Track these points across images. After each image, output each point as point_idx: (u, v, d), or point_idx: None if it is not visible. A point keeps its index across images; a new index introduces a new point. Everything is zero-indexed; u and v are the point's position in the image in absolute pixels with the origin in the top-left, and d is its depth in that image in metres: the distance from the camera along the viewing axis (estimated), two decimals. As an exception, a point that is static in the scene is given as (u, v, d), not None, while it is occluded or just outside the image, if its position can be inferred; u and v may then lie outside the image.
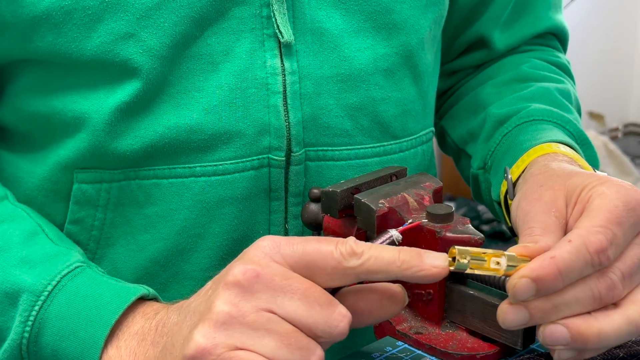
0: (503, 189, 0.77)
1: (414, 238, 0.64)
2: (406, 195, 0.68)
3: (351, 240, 0.56)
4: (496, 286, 0.62)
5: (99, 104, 0.72)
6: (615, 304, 0.57)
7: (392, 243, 0.62)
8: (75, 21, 0.70)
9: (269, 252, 0.56)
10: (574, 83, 0.97)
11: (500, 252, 0.57)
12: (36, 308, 0.65)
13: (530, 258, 0.56)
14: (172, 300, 0.65)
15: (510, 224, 0.74)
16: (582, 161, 0.75)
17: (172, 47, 0.71)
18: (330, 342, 0.56)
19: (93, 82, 0.72)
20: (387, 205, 0.66)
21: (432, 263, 0.55)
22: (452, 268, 0.56)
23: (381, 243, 0.62)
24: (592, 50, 3.74)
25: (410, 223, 0.64)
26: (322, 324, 0.54)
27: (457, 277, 0.64)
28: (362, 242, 0.56)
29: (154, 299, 0.67)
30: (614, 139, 3.85)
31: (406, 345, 0.65)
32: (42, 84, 0.74)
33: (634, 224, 0.58)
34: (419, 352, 0.64)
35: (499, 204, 0.80)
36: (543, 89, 0.88)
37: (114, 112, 0.72)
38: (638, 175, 3.47)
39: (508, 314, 0.56)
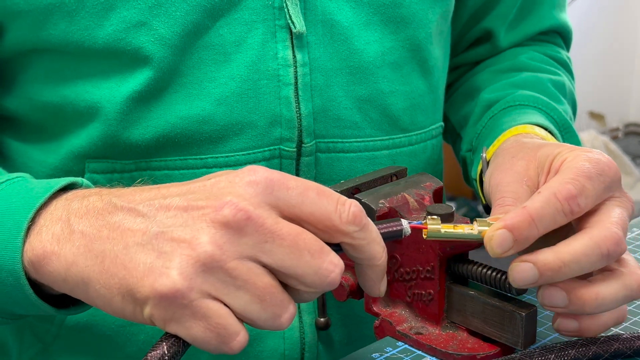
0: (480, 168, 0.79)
1: (414, 237, 0.64)
2: (406, 195, 0.68)
3: (355, 206, 0.54)
4: (497, 286, 0.62)
5: (111, 93, 0.72)
6: (611, 271, 0.59)
7: (397, 233, 0.59)
8: (88, 9, 0.70)
9: (262, 191, 0.52)
10: (573, 79, 0.99)
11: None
12: None
13: None
14: None
15: (485, 202, 0.77)
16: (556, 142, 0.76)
17: (183, 36, 0.71)
18: (319, 292, 0.53)
19: (105, 71, 0.72)
20: (387, 205, 0.66)
21: (382, 289, 0.58)
22: (425, 236, 0.59)
23: (387, 227, 0.58)
24: (593, 50, 3.74)
25: (420, 224, 0.60)
26: (311, 274, 0.51)
27: (457, 278, 0.64)
28: (366, 216, 0.54)
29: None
30: (614, 138, 3.85)
31: (406, 346, 0.65)
32: (54, 73, 0.74)
33: (604, 182, 0.60)
34: (419, 352, 0.64)
35: (477, 181, 0.81)
36: (535, 78, 0.90)
37: (126, 101, 0.72)
38: (638, 175, 3.47)
39: (517, 272, 0.57)
